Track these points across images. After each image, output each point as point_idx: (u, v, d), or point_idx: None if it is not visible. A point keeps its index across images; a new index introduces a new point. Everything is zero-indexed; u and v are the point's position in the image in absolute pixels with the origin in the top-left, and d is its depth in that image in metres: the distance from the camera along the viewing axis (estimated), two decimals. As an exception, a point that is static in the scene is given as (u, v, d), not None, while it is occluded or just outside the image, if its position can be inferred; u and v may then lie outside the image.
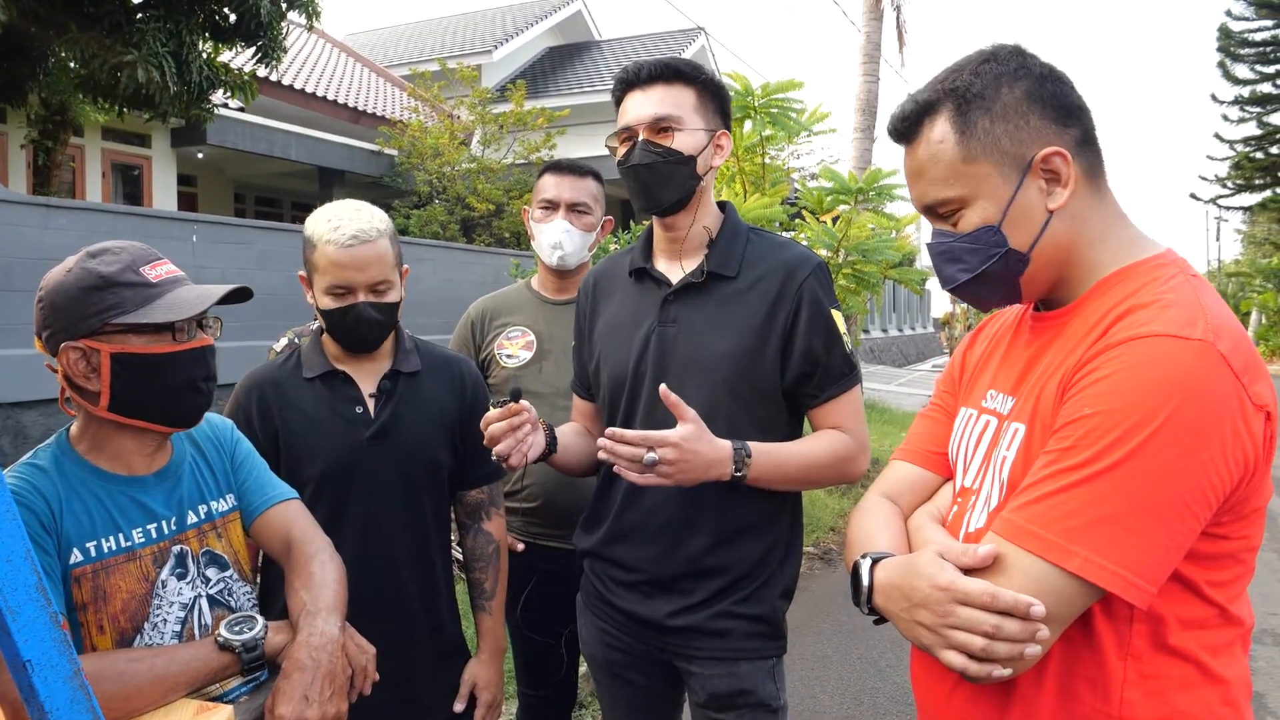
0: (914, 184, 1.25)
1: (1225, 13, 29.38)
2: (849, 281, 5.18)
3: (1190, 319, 1.04)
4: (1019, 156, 1.15)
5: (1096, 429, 1.02)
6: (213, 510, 1.54)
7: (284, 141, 13.45)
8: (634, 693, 1.94)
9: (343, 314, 1.84)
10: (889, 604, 1.16)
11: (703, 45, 21.72)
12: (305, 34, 17.38)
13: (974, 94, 1.17)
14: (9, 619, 0.76)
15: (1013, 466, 1.17)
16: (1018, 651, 1.01)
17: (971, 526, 1.23)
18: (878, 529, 1.33)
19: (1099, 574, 1.00)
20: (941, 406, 1.45)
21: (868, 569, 1.21)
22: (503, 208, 14.31)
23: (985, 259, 1.18)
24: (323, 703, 1.31)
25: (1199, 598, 1.08)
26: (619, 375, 1.86)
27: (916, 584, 1.10)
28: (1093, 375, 1.06)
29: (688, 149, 1.76)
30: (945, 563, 1.09)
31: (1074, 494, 1.02)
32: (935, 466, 1.40)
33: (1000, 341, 1.37)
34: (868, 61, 10.76)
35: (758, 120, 4.91)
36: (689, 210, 1.82)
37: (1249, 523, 1.09)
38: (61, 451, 1.43)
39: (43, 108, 9.16)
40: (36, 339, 1.41)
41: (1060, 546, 1.01)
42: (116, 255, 1.40)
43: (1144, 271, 1.15)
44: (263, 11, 7.58)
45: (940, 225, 1.24)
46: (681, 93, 1.78)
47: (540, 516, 2.44)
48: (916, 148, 1.22)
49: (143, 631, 1.40)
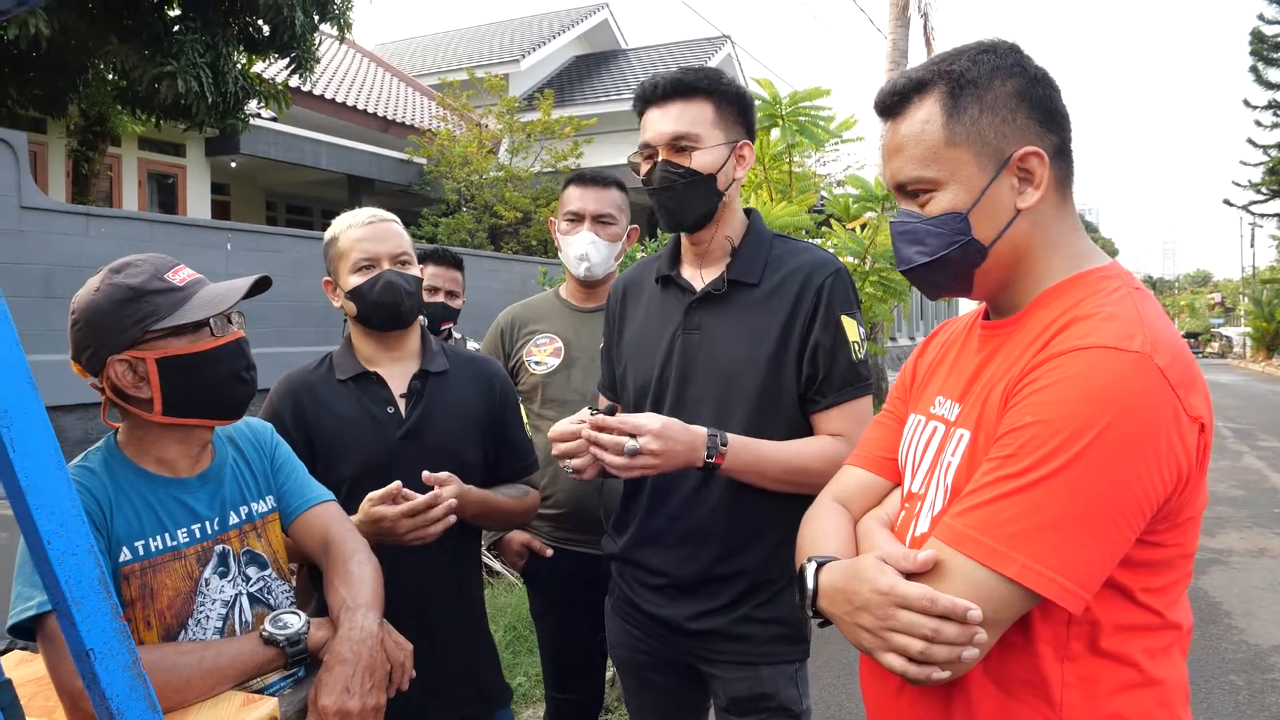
0: (890, 159, 1.24)
1: (1258, 16, 28.94)
2: (876, 289, 5.19)
3: (1129, 332, 1.06)
4: (999, 150, 1.17)
5: (1036, 438, 1.04)
6: (253, 511, 1.59)
7: (315, 150, 13.63)
8: (660, 695, 1.96)
9: (371, 285, 1.91)
10: (832, 607, 1.17)
11: (729, 53, 21.74)
12: (336, 44, 17.60)
13: (968, 80, 1.18)
14: (74, 610, 0.81)
15: (957, 472, 1.18)
16: (955, 655, 1.02)
17: (917, 531, 1.24)
18: (826, 534, 1.34)
19: (1035, 579, 1.01)
20: (893, 413, 1.46)
21: (813, 572, 1.22)
22: (530, 216, 14.40)
23: (946, 244, 1.19)
24: (363, 694, 1.36)
25: (1133, 603, 1.10)
26: (644, 380, 1.89)
27: (858, 588, 1.11)
28: (1034, 385, 1.08)
29: (707, 167, 1.77)
30: (886, 567, 1.10)
31: (1013, 501, 1.04)
32: (885, 472, 1.41)
33: (950, 349, 1.38)
34: (894, 69, 10.75)
35: (785, 128, 4.93)
36: (713, 224, 1.84)
37: (1183, 530, 1.10)
38: (110, 454, 1.48)
39: (82, 118, 9.38)
40: (74, 363, 1.46)
41: (999, 552, 1.03)
42: (139, 267, 1.46)
43: (1088, 283, 1.17)
44: (297, 24, 7.72)
45: (908, 205, 1.24)
46: (699, 108, 1.78)
47: (568, 522, 2.47)
48: (900, 123, 1.23)
49: (187, 627, 1.44)
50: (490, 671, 2.07)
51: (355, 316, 1.98)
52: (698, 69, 1.82)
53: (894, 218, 1.27)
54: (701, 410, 1.79)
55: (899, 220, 1.26)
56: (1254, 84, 29.72)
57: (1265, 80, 29.74)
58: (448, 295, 3.36)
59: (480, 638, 2.06)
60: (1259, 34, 29.36)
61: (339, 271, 1.97)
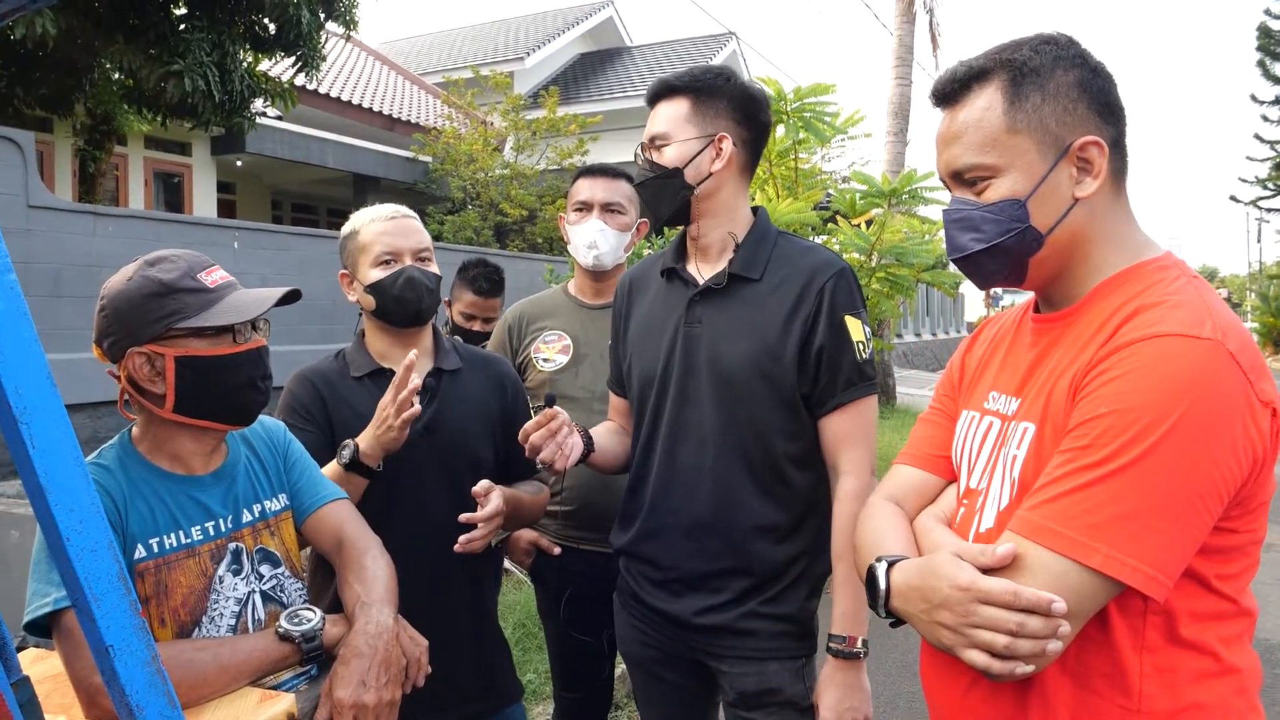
0: (947, 147, 1.24)
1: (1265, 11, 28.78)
2: (882, 285, 5.17)
3: (1198, 319, 1.07)
4: (1059, 138, 1.17)
5: (1113, 428, 1.04)
6: (266, 509, 1.60)
7: (320, 149, 13.65)
8: (669, 691, 1.97)
9: (394, 279, 1.92)
10: (908, 606, 1.16)
11: (734, 50, 21.71)
12: (341, 43, 17.62)
13: (1030, 69, 1.18)
14: (93, 605, 0.81)
15: (1024, 466, 1.18)
16: (1040, 648, 1.02)
17: (981, 527, 1.24)
18: (886, 532, 1.34)
19: (1120, 569, 1.02)
20: (942, 410, 1.46)
21: (884, 572, 1.21)
22: (536, 213, 14.40)
23: (1004, 231, 1.19)
24: (379, 688, 1.36)
25: (1209, 590, 1.10)
26: (648, 373, 1.90)
27: (936, 585, 1.11)
28: (1106, 375, 1.08)
29: (673, 161, 1.80)
30: (964, 563, 1.10)
31: (1092, 491, 1.04)
32: (938, 469, 1.41)
33: (1000, 344, 1.38)
34: (900, 65, 10.73)
35: (790, 124, 4.92)
36: (695, 218, 1.85)
37: (1255, 517, 1.11)
38: (124, 451, 1.49)
39: (88, 117, 9.40)
40: (95, 347, 1.47)
41: (1081, 543, 1.03)
42: (174, 263, 1.47)
43: (1147, 273, 1.18)
44: (303, 22, 7.73)
45: (962, 193, 1.24)
46: (674, 106, 1.82)
47: (577, 519, 2.47)
48: (958, 110, 1.22)
49: (200, 625, 1.45)
50: (504, 667, 2.07)
51: (373, 311, 1.98)
52: (695, 68, 1.86)
53: (947, 206, 1.27)
54: (703, 403, 1.80)
55: (953, 208, 1.25)
56: (1261, 79, 29.58)
57: (1272, 75, 29.59)
58: (484, 322, 3.38)
59: (494, 633, 2.07)
60: (1266, 29, 29.22)
61: (358, 265, 1.97)
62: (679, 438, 1.82)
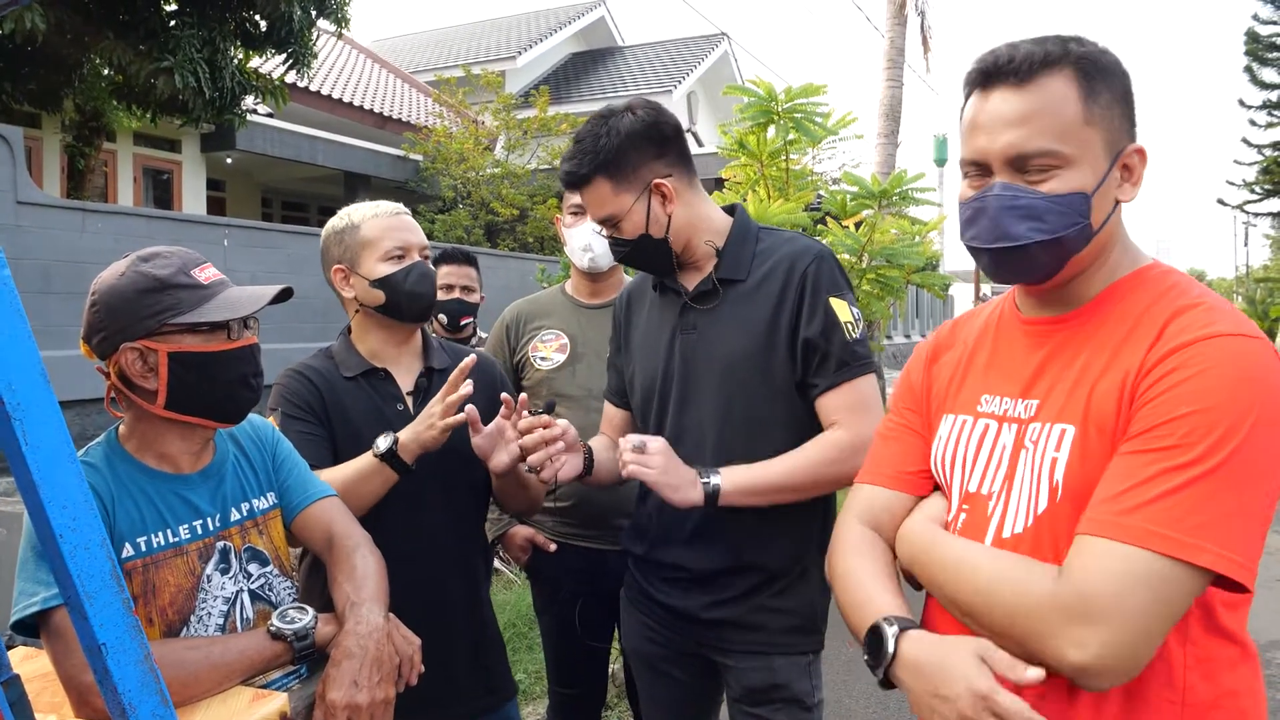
0: (1012, 126, 1.16)
1: (1252, 16, 28.96)
2: (873, 287, 5.18)
3: (1239, 319, 1.10)
4: (1115, 141, 1.18)
5: (1199, 427, 1.04)
6: (254, 508, 1.59)
7: (311, 147, 13.59)
8: (673, 687, 1.98)
9: (406, 274, 1.91)
10: (912, 681, 1.13)
11: (725, 51, 21.75)
12: (333, 41, 17.56)
13: (1100, 66, 1.17)
14: (86, 604, 0.81)
15: (1069, 468, 1.15)
16: None
17: (1006, 531, 1.20)
18: (873, 576, 1.29)
19: (1229, 566, 1.02)
20: (906, 425, 1.42)
21: (893, 637, 1.17)
22: (527, 213, 14.37)
23: (1068, 224, 1.16)
24: (371, 687, 1.36)
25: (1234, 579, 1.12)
26: (650, 383, 1.92)
27: (950, 679, 1.08)
28: (1177, 375, 1.08)
29: (634, 231, 1.82)
30: (985, 669, 1.07)
31: (1191, 492, 1.03)
32: (909, 487, 1.37)
33: (980, 349, 1.35)
34: (891, 67, 10.76)
35: (781, 125, 4.92)
36: (677, 249, 1.86)
37: None
38: (111, 449, 1.48)
39: (77, 114, 9.35)
40: (83, 343, 1.46)
41: (1189, 544, 1.02)
42: (168, 259, 1.46)
43: (1153, 278, 1.20)
44: (294, 19, 7.70)
45: (1015, 179, 1.17)
46: (598, 188, 1.81)
47: (573, 516, 2.47)
48: (1028, 91, 1.16)
49: (189, 624, 1.44)
50: (499, 665, 2.07)
51: (380, 306, 1.95)
52: (583, 143, 1.82)
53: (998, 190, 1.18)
54: (705, 405, 1.82)
55: (1008, 193, 1.17)
56: (1249, 84, 29.76)
57: (1260, 80, 29.77)
58: (463, 290, 3.37)
59: (489, 631, 2.07)
60: (1254, 34, 29.39)
61: (362, 259, 1.93)
62: (678, 440, 1.82)
